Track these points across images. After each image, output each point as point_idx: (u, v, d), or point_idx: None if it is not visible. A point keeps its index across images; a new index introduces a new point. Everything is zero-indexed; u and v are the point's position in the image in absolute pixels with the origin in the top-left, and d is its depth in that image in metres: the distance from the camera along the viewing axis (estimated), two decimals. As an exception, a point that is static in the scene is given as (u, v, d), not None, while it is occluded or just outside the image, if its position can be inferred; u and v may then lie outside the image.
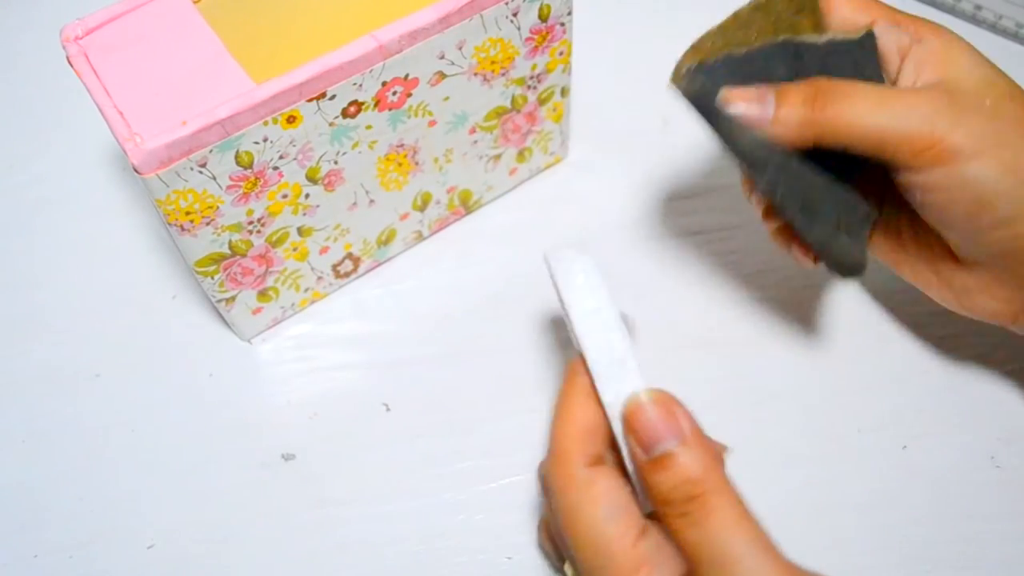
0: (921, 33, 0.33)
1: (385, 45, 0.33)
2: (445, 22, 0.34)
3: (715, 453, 0.27)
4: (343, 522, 0.36)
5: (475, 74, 0.37)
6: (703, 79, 0.32)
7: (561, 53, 0.40)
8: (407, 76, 0.35)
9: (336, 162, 0.36)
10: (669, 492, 0.26)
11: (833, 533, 0.35)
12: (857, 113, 0.31)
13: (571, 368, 0.30)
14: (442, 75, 0.36)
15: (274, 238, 0.37)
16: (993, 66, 0.33)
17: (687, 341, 0.40)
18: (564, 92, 0.42)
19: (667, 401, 0.27)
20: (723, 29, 0.33)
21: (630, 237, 0.43)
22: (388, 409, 0.39)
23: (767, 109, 0.31)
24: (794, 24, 0.33)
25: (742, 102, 0.32)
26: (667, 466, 0.26)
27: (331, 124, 0.34)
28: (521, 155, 0.43)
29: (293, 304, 0.41)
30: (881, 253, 0.36)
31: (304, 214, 0.37)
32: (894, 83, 0.33)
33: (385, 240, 0.41)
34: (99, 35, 0.34)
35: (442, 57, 0.35)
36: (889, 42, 0.34)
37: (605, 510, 0.28)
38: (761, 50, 0.32)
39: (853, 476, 0.36)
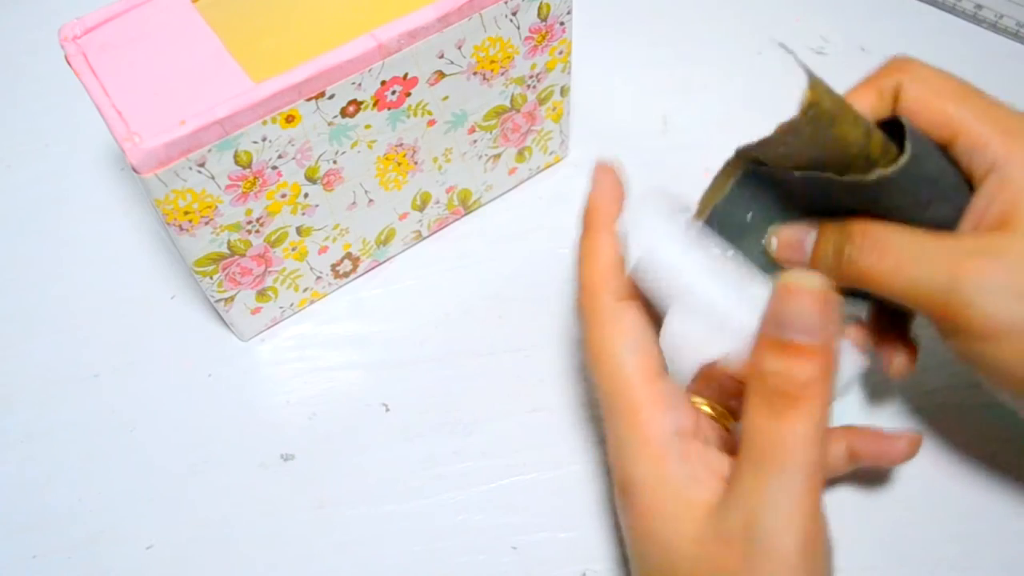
0: (1007, 154, 0.28)
1: (384, 44, 0.33)
2: (444, 21, 0.34)
3: (832, 369, 0.26)
4: (343, 522, 0.36)
5: (474, 73, 0.37)
6: (744, 193, 0.32)
7: (561, 52, 0.39)
8: (406, 75, 0.34)
9: (335, 161, 0.36)
10: (772, 375, 0.25)
11: (833, 533, 0.34)
12: (886, 270, 0.29)
13: (587, 214, 0.31)
14: (441, 74, 0.36)
15: (273, 238, 0.37)
16: None
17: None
18: (564, 91, 0.42)
19: (830, 304, 0.26)
20: (763, 145, 0.30)
21: (630, 237, 0.43)
22: (388, 409, 0.39)
23: (804, 255, 0.31)
24: (838, 140, 0.28)
25: (782, 246, 0.32)
26: (791, 353, 0.25)
27: (330, 123, 0.34)
28: (520, 155, 0.43)
29: (292, 304, 0.41)
30: None
31: (303, 214, 0.37)
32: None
33: (384, 240, 0.41)
34: (97, 34, 0.34)
35: (441, 56, 0.35)
36: (967, 162, 0.29)
37: (629, 343, 0.29)
38: (806, 180, 0.30)
39: (853, 476, 0.35)
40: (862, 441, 0.33)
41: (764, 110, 0.47)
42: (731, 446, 0.30)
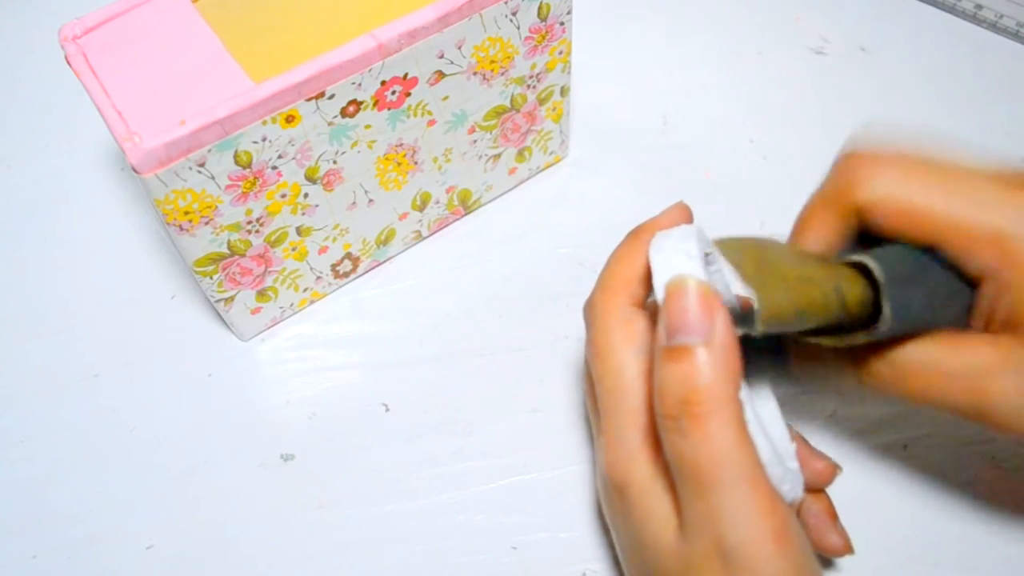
0: (997, 259, 0.27)
1: (384, 44, 0.33)
2: (444, 21, 0.34)
3: (735, 373, 0.25)
4: (343, 522, 0.36)
5: (474, 73, 0.37)
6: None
7: (561, 52, 0.39)
8: (406, 75, 0.34)
9: (335, 162, 0.36)
10: (669, 387, 0.25)
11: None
12: (914, 389, 0.28)
13: (638, 226, 0.31)
14: (441, 74, 0.36)
15: (273, 238, 0.37)
16: None
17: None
18: (564, 91, 0.42)
19: (712, 299, 0.25)
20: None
21: (630, 237, 0.43)
22: (388, 409, 0.39)
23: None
24: (814, 320, 0.27)
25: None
26: (679, 358, 0.25)
27: (330, 123, 0.34)
28: (520, 155, 0.43)
29: (292, 304, 0.41)
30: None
31: (303, 214, 0.37)
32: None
33: (384, 240, 0.41)
34: (97, 34, 0.34)
35: (441, 56, 0.35)
36: (957, 263, 0.28)
37: (638, 344, 0.28)
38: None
39: (853, 476, 0.35)
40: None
41: (764, 110, 0.48)
42: None
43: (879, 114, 0.47)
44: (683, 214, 0.31)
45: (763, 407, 0.32)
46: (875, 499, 0.35)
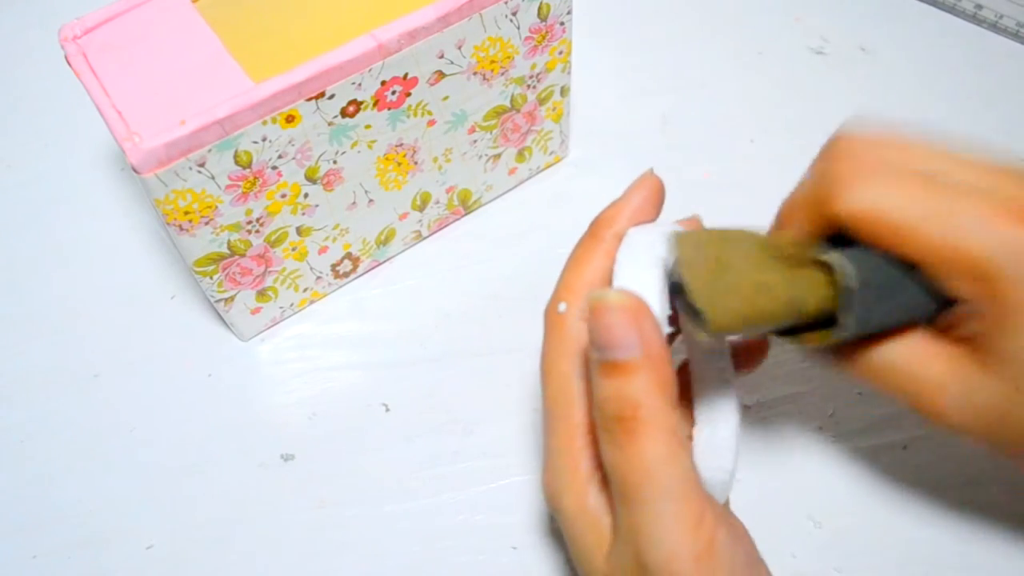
0: (973, 293, 0.25)
1: (384, 44, 0.33)
2: (444, 21, 0.34)
3: (668, 385, 0.25)
4: (343, 522, 0.36)
5: (474, 73, 0.37)
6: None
7: (561, 52, 0.40)
8: (406, 75, 0.34)
9: (335, 162, 0.36)
10: (604, 401, 0.25)
11: (833, 533, 0.34)
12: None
13: (597, 219, 0.29)
14: (441, 74, 0.36)
15: (273, 238, 0.37)
16: None
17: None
18: (564, 91, 0.42)
19: (636, 308, 0.24)
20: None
21: (630, 237, 0.43)
22: (388, 409, 0.39)
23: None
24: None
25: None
26: (612, 374, 0.25)
27: (330, 123, 0.34)
28: (521, 155, 0.43)
29: (292, 304, 0.41)
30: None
31: (303, 214, 0.37)
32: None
33: (384, 240, 0.41)
34: (97, 34, 0.34)
35: (441, 56, 0.35)
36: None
37: (578, 365, 0.27)
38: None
39: (853, 476, 0.36)
40: None
41: (764, 110, 0.48)
42: None
43: (879, 114, 0.47)
44: (650, 190, 0.30)
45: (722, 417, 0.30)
46: (875, 499, 0.35)
